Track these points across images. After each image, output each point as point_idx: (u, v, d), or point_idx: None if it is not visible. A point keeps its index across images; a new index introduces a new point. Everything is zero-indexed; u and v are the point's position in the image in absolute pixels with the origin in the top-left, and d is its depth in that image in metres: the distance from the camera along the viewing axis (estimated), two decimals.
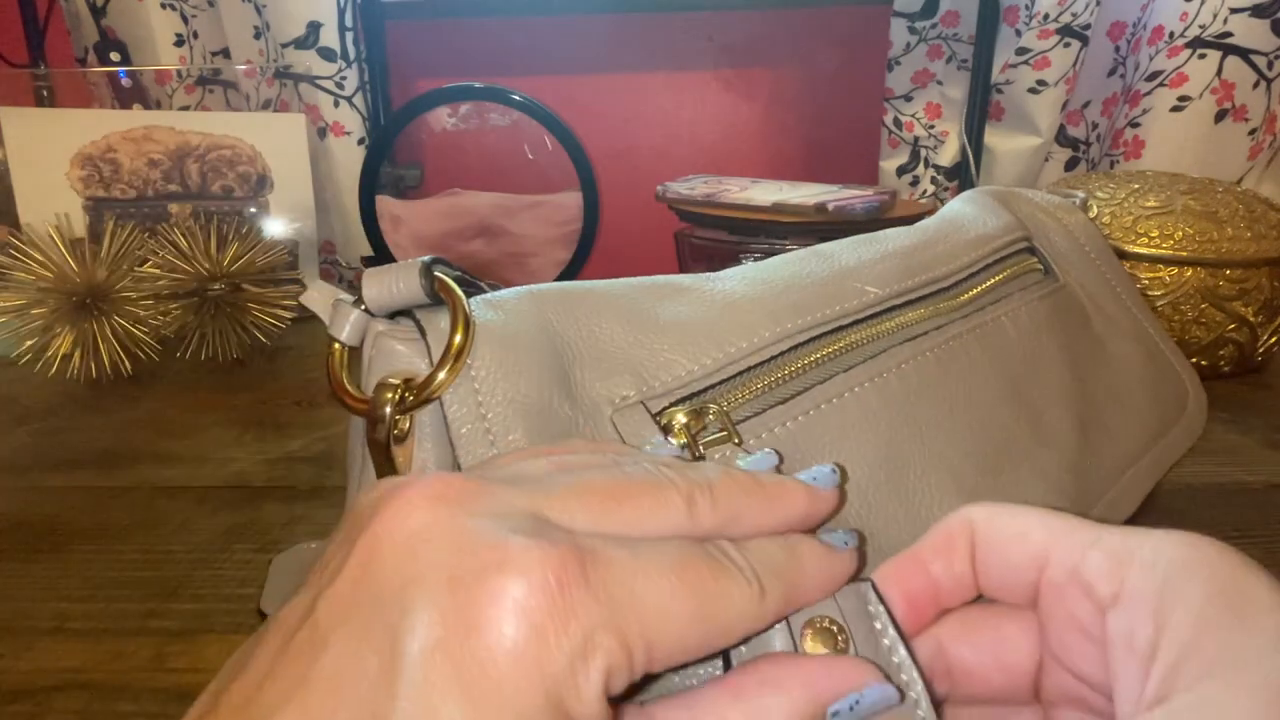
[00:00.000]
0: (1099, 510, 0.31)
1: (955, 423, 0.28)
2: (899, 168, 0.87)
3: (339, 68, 0.84)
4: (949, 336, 0.30)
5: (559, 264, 0.72)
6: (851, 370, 0.27)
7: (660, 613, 0.15)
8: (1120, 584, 0.15)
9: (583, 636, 0.14)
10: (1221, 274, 0.55)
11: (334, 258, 0.92)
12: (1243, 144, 0.77)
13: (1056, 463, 0.30)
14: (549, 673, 0.14)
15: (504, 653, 0.13)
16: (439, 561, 0.14)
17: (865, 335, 0.28)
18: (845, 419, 0.26)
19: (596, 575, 0.14)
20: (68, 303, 0.59)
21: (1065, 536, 0.17)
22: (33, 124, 0.75)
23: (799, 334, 0.26)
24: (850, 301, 0.28)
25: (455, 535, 0.15)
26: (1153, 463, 0.35)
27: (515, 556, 0.14)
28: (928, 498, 0.26)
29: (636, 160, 0.94)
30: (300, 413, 0.55)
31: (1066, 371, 0.33)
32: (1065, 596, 0.16)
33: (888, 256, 0.30)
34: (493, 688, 0.13)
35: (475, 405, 0.21)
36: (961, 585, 0.18)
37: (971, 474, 0.27)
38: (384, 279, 0.22)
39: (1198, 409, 0.38)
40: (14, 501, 0.44)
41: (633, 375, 0.23)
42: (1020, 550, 0.17)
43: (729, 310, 0.26)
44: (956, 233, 0.34)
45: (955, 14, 0.81)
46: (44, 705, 0.29)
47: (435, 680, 0.13)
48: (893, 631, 0.17)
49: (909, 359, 0.28)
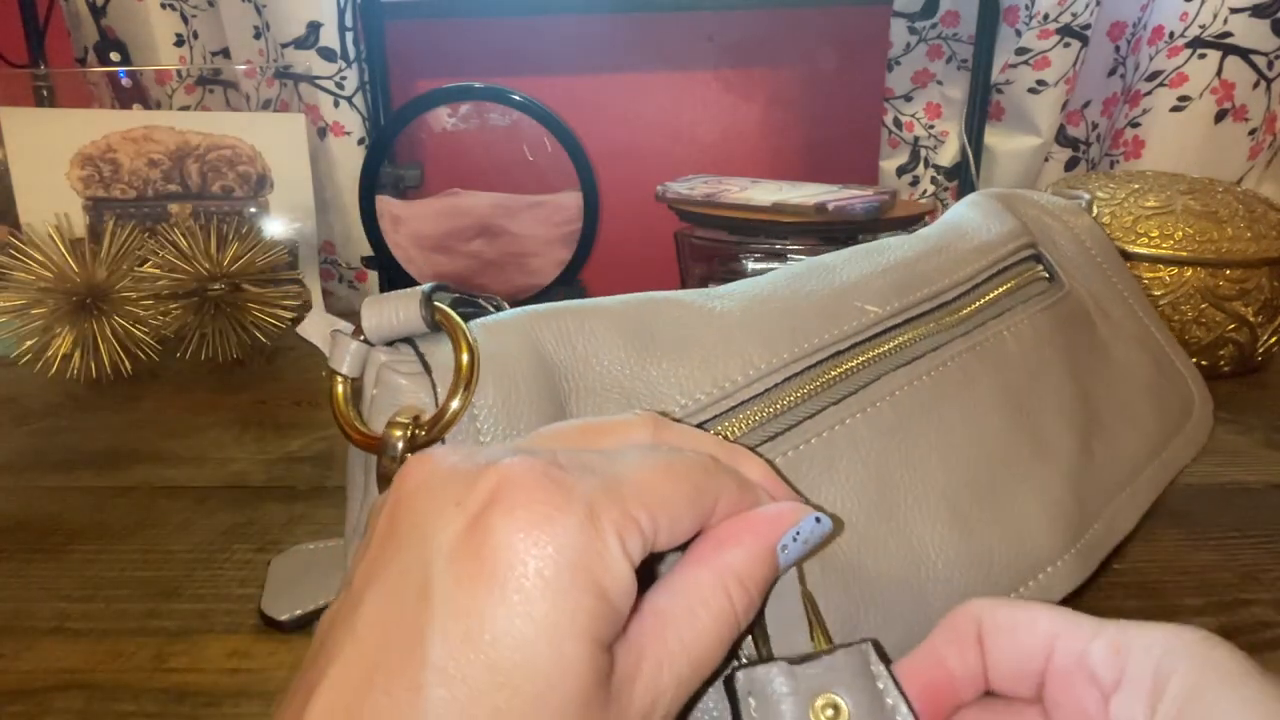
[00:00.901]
0: (1097, 529, 0.30)
1: (950, 446, 0.28)
2: (899, 168, 0.87)
3: (339, 68, 0.84)
4: (947, 357, 0.29)
5: (559, 264, 0.72)
6: (842, 402, 0.26)
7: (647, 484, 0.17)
8: (1121, 671, 0.16)
9: (585, 506, 0.15)
10: (1221, 274, 0.55)
11: (334, 258, 0.92)
12: (1243, 144, 0.77)
13: (1056, 481, 0.30)
14: (565, 544, 0.15)
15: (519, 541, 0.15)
16: (442, 495, 0.16)
17: (861, 361, 0.27)
18: (834, 451, 0.25)
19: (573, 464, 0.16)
20: (68, 303, 0.59)
21: (1071, 626, 0.18)
22: (33, 124, 0.75)
23: (795, 363, 0.26)
24: (849, 323, 0.27)
25: (448, 473, 0.16)
26: (1155, 474, 0.34)
27: (507, 470, 0.16)
28: (920, 525, 0.26)
29: (636, 160, 0.94)
30: (300, 413, 0.55)
31: (1069, 384, 0.33)
32: (1073, 684, 0.17)
33: (889, 270, 0.30)
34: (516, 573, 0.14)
35: (477, 443, 0.21)
36: (974, 678, 0.19)
37: (966, 497, 0.27)
38: (383, 309, 0.22)
39: (1203, 416, 0.38)
40: (14, 501, 0.44)
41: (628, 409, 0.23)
42: (1029, 636, 0.18)
43: (726, 336, 0.25)
44: (959, 241, 0.33)
45: (955, 14, 0.81)
46: (44, 705, 0.29)
47: (463, 581, 0.15)
48: (895, 691, 0.18)
49: (903, 385, 0.28)
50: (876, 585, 0.24)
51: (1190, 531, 0.38)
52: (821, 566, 0.23)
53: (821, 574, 0.23)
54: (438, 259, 0.75)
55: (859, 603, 0.24)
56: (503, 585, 0.14)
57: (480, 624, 0.14)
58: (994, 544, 0.27)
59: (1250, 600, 0.34)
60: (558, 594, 0.14)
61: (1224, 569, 0.36)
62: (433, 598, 0.15)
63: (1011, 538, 0.27)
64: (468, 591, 0.14)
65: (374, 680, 0.14)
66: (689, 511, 0.17)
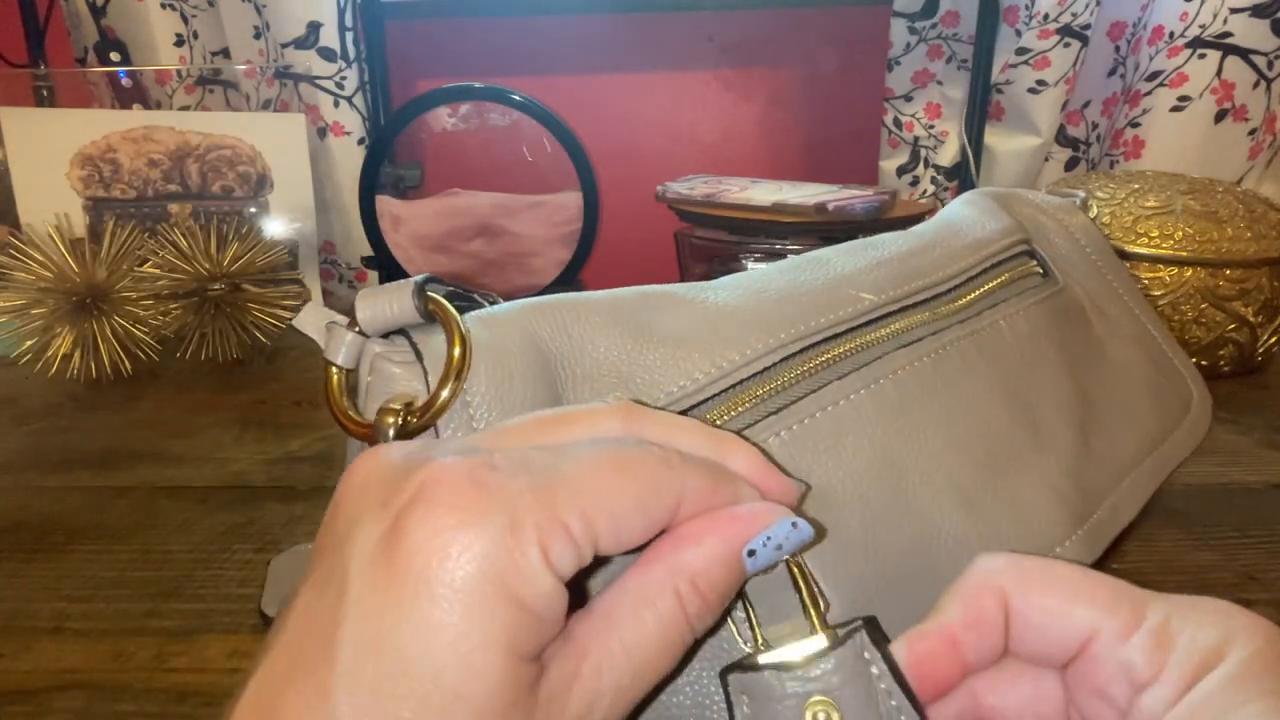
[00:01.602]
0: (1100, 515, 0.31)
1: (953, 428, 0.28)
2: (899, 168, 0.87)
3: (339, 68, 0.84)
4: (945, 341, 0.29)
5: (559, 264, 0.72)
6: (846, 377, 0.26)
7: (588, 484, 0.16)
8: (1160, 667, 0.15)
9: (506, 515, 0.14)
10: (1221, 274, 0.55)
11: (334, 258, 0.92)
12: (1243, 144, 0.77)
13: (1056, 468, 0.30)
14: (480, 553, 0.14)
15: (432, 546, 0.14)
16: (374, 493, 0.16)
17: (860, 342, 0.28)
18: (840, 426, 0.25)
19: (509, 463, 0.15)
20: (68, 303, 0.59)
21: (1111, 617, 0.16)
22: (33, 124, 0.75)
23: (792, 344, 0.26)
24: (845, 309, 0.27)
25: (387, 470, 0.16)
26: (1155, 466, 0.35)
27: (433, 470, 0.15)
28: (930, 503, 0.26)
29: (636, 160, 0.94)
30: (300, 413, 0.55)
31: (1065, 376, 0.33)
32: (1102, 673, 0.16)
33: (884, 263, 0.30)
34: (428, 580, 0.14)
35: (470, 430, 0.21)
36: (993, 655, 0.18)
37: (971, 479, 0.27)
38: (377, 300, 0.22)
39: (1201, 412, 0.38)
40: (14, 501, 0.44)
41: (625, 393, 0.23)
42: (1062, 631, 0.17)
43: (722, 322, 0.25)
44: (954, 237, 0.33)
45: (955, 14, 0.81)
46: (44, 705, 0.29)
47: (377, 585, 0.14)
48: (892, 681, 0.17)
49: (905, 365, 0.28)
50: (889, 561, 0.24)
51: (1190, 531, 0.38)
52: (831, 542, 0.23)
53: (831, 549, 0.23)
54: (438, 259, 0.75)
55: (870, 578, 0.24)
56: (414, 592, 0.14)
57: (389, 630, 0.14)
58: (1002, 524, 0.27)
59: (1250, 600, 0.34)
60: (468, 603, 0.14)
61: (1224, 569, 0.36)
62: (347, 599, 0.14)
63: (1019, 519, 0.28)
64: (381, 595, 0.14)
65: (292, 677, 0.14)
66: (638, 512, 0.16)
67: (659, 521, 0.17)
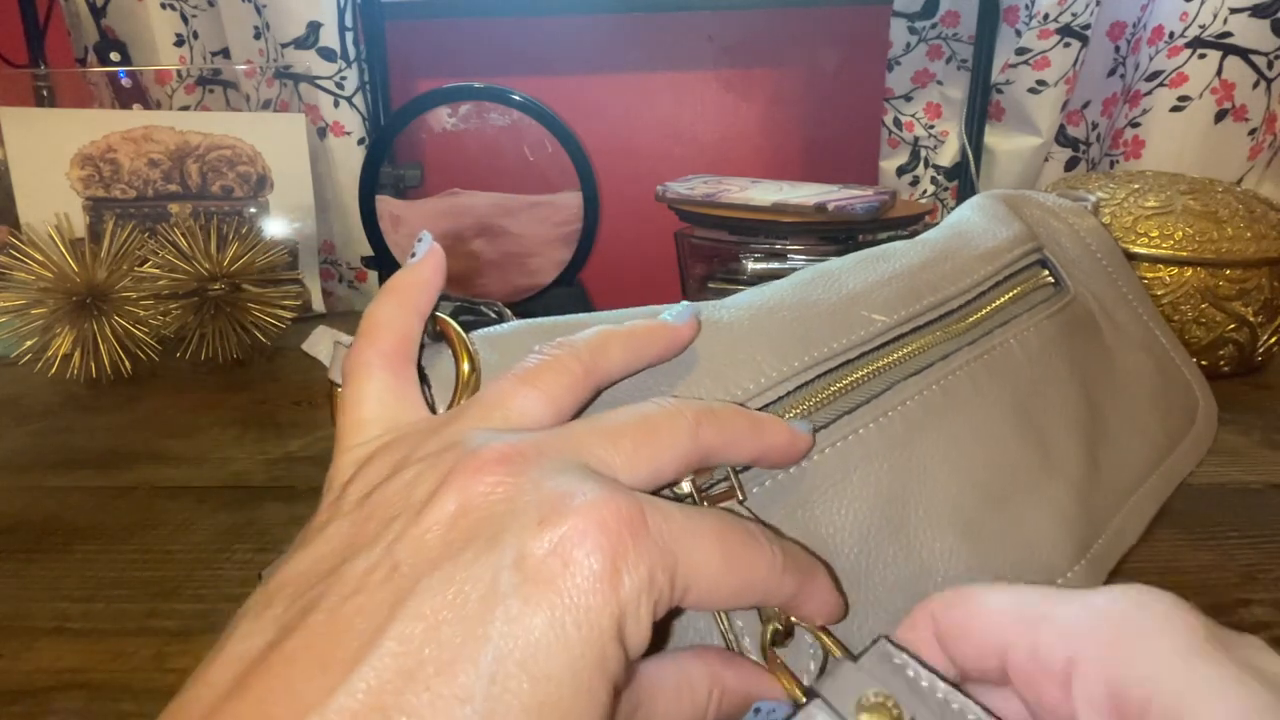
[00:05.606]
0: (1106, 540, 0.30)
1: (960, 456, 0.27)
2: (899, 168, 0.87)
3: (339, 68, 0.84)
4: (955, 366, 0.29)
5: (559, 264, 0.72)
6: (855, 411, 0.26)
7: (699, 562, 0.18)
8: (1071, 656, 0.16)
9: (647, 572, 0.16)
10: (1221, 274, 0.55)
11: (334, 258, 0.92)
12: (1243, 144, 0.77)
13: (1063, 491, 0.30)
14: (621, 599, 0.16)
15: (590, 582, 0.16)
16: (529, 509, 0.17)
17: (871, 370, 0.27)
18: (847, 463, 0.25)
19: (655, 525, 0.17)
20: (68, 303, 0.59)
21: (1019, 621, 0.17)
22: (33, 124, 0.75)
23: (806, 371, 0.25)
24: (857, 332, 0.27)
25: (536, 487, 0.17)
26: (1160, 481, 0.34)
27: (592, 505, 0.17)
28: (927, 535, 0.26)
29: (636, 160, 0.94)
30: (300, 413, 0.55)
31: (1076, 393, 0.32)
32: (1032, 680, 0.17)
33: (895, 278, 0.30)
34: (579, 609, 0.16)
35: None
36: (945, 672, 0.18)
37: (974, 508, 0.27)
38: None
39: (1207, 421, 0.38)
40: (14, 501, 0.44)
41: None
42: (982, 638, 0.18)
43: (735, 346, 0.25)
44: (964, 247, 0.33)
45: (955, 14, 0.81)
46: (44, 705, 0.29)
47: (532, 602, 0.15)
48: (925, 672, 0.17)
49: (914, 394, 0.27)
50: (879, 596, 0.24)
51: (1190, 531, 0.38)
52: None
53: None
54: None
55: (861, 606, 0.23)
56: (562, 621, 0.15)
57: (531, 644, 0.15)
58: (1005, 555, 0.27)
59: (1250, 600, 0.34)
60: (601, 633, 0.16)
61: (1223, 569, 0.36)
62: (495, 609, 0.15)
63: (1022, 548, 0.27)
64: (531, 612, 0.15)
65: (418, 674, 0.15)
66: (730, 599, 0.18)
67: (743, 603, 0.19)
